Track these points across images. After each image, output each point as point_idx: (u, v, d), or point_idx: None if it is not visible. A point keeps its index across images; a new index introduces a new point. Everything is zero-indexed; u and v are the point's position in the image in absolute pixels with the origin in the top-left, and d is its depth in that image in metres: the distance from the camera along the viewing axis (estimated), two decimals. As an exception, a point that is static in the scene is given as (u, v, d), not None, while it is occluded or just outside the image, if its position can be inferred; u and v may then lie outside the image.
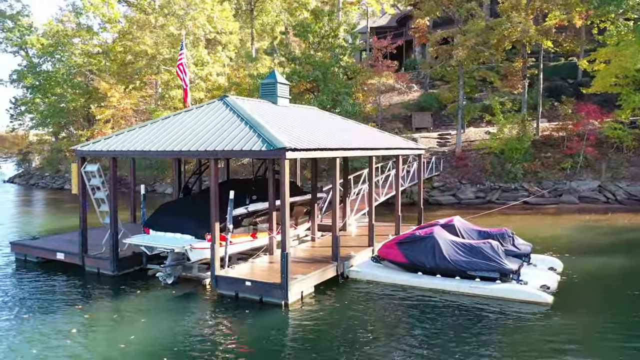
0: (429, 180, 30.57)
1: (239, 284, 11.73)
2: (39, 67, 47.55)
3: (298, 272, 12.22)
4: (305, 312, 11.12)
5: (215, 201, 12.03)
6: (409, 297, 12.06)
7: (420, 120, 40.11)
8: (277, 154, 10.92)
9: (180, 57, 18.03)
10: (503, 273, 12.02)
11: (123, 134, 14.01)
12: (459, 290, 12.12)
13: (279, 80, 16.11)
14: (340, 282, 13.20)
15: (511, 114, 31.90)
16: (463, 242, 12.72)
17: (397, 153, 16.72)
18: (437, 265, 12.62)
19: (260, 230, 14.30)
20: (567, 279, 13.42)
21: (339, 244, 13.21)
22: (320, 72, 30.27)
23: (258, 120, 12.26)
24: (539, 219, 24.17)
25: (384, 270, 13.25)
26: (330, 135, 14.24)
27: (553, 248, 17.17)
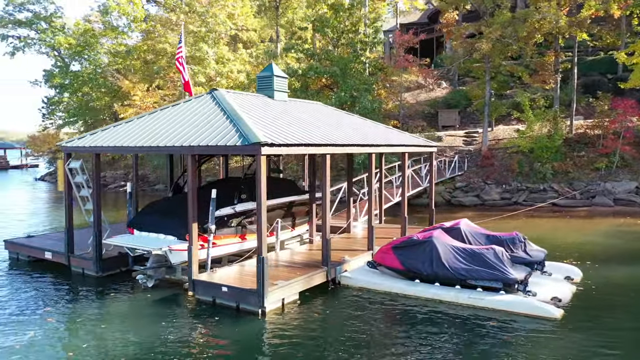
0: (452, 180, 29.17)
1: (215, 289, 10.94)
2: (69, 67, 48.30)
3: (282, 277, 11.36)
4: (284, 322, 10.22)
5: (192, 201, 11.29)
6: (402, 307, 10.99)
7: (447, 118, 38.58)
8: (251, 150, 10.07)
9: (179, 50, 17.43)
10: (507, 283, 10.79)
11: (109, 130, 13.46)
12: (457, 300, 10.97)
13: (276, 73, 15.27)
14: (331, 288, 12.25)
15: (541, 111, 30.08)
16: (464, 248, 11.54)
17: (402, 150, 15.60)
18: (434, 273, 11.49)
19: (250, 231, 13.48)
20: (584, 290, 12.05)
21: (329, 247, 12.25)
22: (338, 68, 29.28)
23: (240, 114, 11.44)
24: (567, 222, 22.49)
25: (378, 277, 12.21)
26: (326, 130, 13.29)
27: (575, 254, 15.70)
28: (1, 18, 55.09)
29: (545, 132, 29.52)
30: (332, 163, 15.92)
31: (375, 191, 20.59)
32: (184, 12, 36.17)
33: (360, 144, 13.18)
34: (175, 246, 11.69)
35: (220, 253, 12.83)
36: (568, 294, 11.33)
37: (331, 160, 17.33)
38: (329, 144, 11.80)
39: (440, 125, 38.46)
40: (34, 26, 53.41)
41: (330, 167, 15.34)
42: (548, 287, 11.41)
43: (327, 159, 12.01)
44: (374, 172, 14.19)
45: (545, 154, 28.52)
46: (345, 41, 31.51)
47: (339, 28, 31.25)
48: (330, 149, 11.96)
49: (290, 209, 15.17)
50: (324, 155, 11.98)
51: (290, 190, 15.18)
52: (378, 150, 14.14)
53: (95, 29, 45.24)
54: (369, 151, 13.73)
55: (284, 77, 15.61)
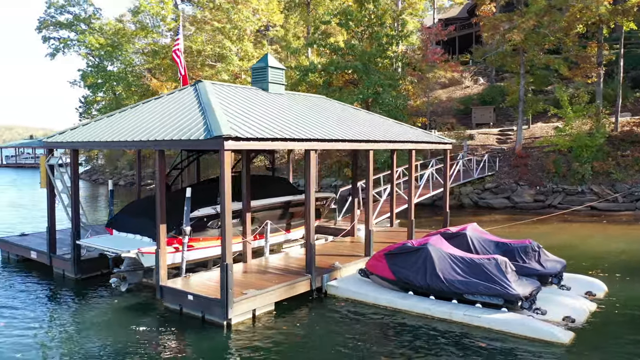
0: (481, 180, 27.36)
1: (182, 297, 10.00)
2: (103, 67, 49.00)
3: (257, 285, 10.30)
4: (252, 336, 9.16)
5: (160, 200, 10.40)
6: (388, 323, 9.72)
7: (481, 115, 36.57)
8: (214, 144, 9.05)
9: (177, 43, 16.67)
10: (508, 299, 9.34)
11: (89, 124, 12.79)
12: (450, 317, 9.59)
13: (271, 64, 14.22)
14: (311, 298, 11.09)
15: (581, 106, 27.78)
16: (463, 258, 10.14)
17: (409, 147, 14.25)
18: (427, 285, 10.15)
19: (234, 234, 12.50)
20: (606, 308, 10.40)
21: (313, 253, 11.09)
22: (360, 63, 27.97)
23: (214, 106, 10.45)
24: (603, 227, 20.43)
25: (367, 287, 10.96)
26: (318, 125, 12.14)
27: (605, 265, 13.93)
28: (43, 20, 56.72)
29: (586, 130, 27.26)
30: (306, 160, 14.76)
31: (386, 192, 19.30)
32: (209, 8, 35.77)
33: (354, 139, 11.97)
34: (146, 248, 10.83)
35: (200, 256, 11.93)
36: (584, 313, 9.75)
37: (353, 158, 16.14)
38: (310, 139, 10.65)
39: (474, 123, 36.50)
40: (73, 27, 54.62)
41: (343, 165, 14.28)
42: (561, 304, 9.87)
43: (310, 155, 10.86)
44: (371, 170, 12.91)
45: (585, 153, 26.27)
46: (371, 35, 30.14)
47: (363, 21, 29.92)
48: (313, 144, 10.81)
49: (286, 210, 14.12)
50: (308, 152, 10.84)
51: (284, 190, 14.12)
52: (377, 146, 12.87)
53: (127, 29, 45.63)
54: (365, 147, 12.48)
55: (280, 69, 14.55)
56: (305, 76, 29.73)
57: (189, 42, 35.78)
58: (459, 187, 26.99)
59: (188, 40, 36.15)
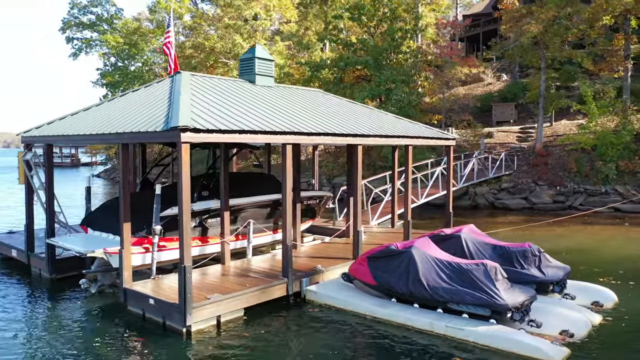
0: (498, 180, 26.08)
1: (144, 300, 9.34)
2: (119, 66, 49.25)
3: (228, 289, 9.56)
4: (214, 345, 8.42)
5: (124, 198, 9.76)
6: (365, 334, 8.84)
7: (502, 112, 35.07)
8: (171, 136, 8.35)
9: (167, 36, 16.10)
10: (495, 309, 8.35)
11: (65, 118, 12.28)
12: (432, 329, 8.66)
13: (259, 55, 13.48)
14: (290, 304, 10.29)
15: (606, 101, 26.19)
16: (450, 263, 9.18)
17: (405, 142, 13.30)
18: (409, 291, 9.24)
19: (214, 233, 11.83)
20: (613, 320, 9.29)
21: (290, 256, 10.28)
22: (372, 58, 27.03)
23: (182, 98, 9.76)
24: (625, 230, 19.02)
25: (347, 293, 10.09)
26: (302, 119, 11.34)
27: (620, 271, 12.72)
28: (67, 21, 57.50)
29: (612, 127, 25.70)
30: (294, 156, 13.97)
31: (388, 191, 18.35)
32: (221, 6, 35.37)
33: (338, 133, 11.12)
34: (113, 248, 10.22)
35: (174, 257, 11.23)
36: (585, 326, 8.68)
37: (348, 154, 15.12)
38: (285, 132, 9.85)
39: (494, 120, 35.04)
40: (96, 28, 55.19)
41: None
42: (560, 316, 8.82)
43: (288, 149, 10.07)
44: (359, 166, 12.02)
45: (610, 152, 24.72)
46: (384, 29, 29.16)
47: (376, 15, 28.96)
48: (290, 138, 10.00)
49: (273, 209, 13.37)
50: (284, 146, 10.05)
51: (273, 188, 13.35)
52: (366, 141, 11.97)
53: (144, 28, 45.71)
54: (352, 142, 11.61)
55: (269, 60, 13.80)
56: (316, 72, 28.94)
57: (201, 39, 35.49)
58: (473, 187, 25.79)
59: (201, 37, 35.86)
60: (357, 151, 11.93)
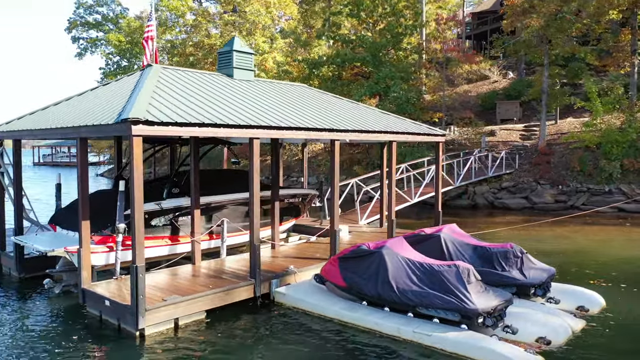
0: (498, 179, 25.38)
1: (101, 302, 8.94)
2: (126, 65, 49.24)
3: (192, 290, 9.13)
4: (167, 349, 7.98)
5: (82, 195, 9.37)
6: (331, 340, 8.35)
7: (506, 110, 34.26)
8: (121, 129, 7.93)
9: (149, 30, 15.67)
10: (465, 314, 7.81)
11: (35, 113, 11.93)
12: (399, 335, 8.14)
13: (237, 48, 13.05)
14: (258, 306, 9.82)
15: (611, 98, 25.38)
16: (422, 264, 8.65)
17: (388, 138, 12.77)
18: (378, 294, 8.72)
19: (184, 232, 11.40)
20: (597, 326, 8.70)
21: (258, 256, 9.82)
22: (370, 54, 26.48)
23: (143, 90, 9.35)
24: (627, 231, 18.28)
25: (316, 296, 9.60)
26: (277, 113, 10.87)
27: (612, 273, 12.08)
28: (73, 21, 57.68)
29: (617, 124, 24.89)
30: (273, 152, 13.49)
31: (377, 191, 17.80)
32: (221, 2, 35.06)
33: (312, 128, 10.63)
34: (74, 247, 9.83)
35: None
36: (565, 332, 8.10)
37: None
38: (251, 126, 9.38)
39: (498, 118, 34.28)
40: (101, 27, 55.31)
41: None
42: (539, 321, 8.24)
43: (255, 144, 9.61)
44: (337, 163, 11.52)
45: (615, 150, 23.92)
46: (383, 25, 28.59)
47: (375, 11, 28.39)
48: (257, 132, 9.53)
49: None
50: (251, 140, 9.59)
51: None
52: (344, 136, 11.48)
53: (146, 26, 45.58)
54: (328, 137, 11.12)
55: (248, 54, 13.36)
56: (314, 69, 28.46)
57: (201, 36, 35.21)
58: (473, 186, 25.14)
59: (201, 34, 35.57)
60: (335, 147, 11.43)
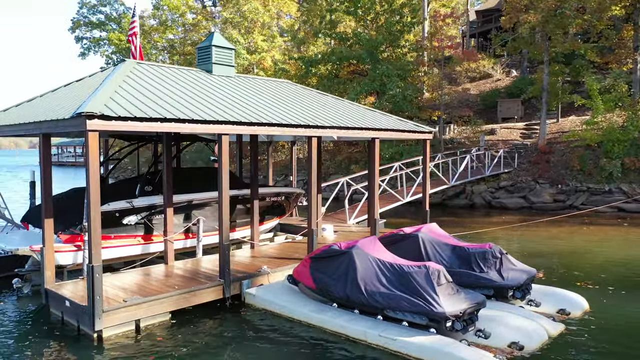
0: (496, 178, 24.92)
1: (62, 303, 8.68)
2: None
3: (158, 291, 8.85)
4: (126, 352, 7.69)
5: (46, 192, 9.13)
6: (296, 344, 8.02)
7: (507, 108, 33.75)
8: (76, 124, 7.66)
9: (133, 27, 15.47)
10: (432, 317, 7.45)
11: (9, 110, 11.68)
12: (365, 339, 7.80)
13: (217, 43, 12.75)
14: (228, 307, 9.52)
15: (612, 95, 24.83)
16: (392, 265, 8.29)
17: (370, 135, 12.41)
18: (346, 296, 8.39)
19: (158, 231, 11.14)
20: (577, 330, 8.30)
21: (227, 256, 9.52)
22: (365, 52, 26.10)
23: (107, 85, 9.10)
24: (624, 231, 17.78)
25: (286, 297, 9.27)
26: (252, 109, 10.57)
27: (602, 275, 11.65)
28: (76, 21, 57.82)
29: (619, 122, 24.34)
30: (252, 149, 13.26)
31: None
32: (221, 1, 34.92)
33: (286, 124, 10.31)
34: (38, 246, 9.59)
35: (111, 256, 10.60)
36: (540, 337, 7.72)
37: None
38: (218, 122, 9.08)
39: (499, 117, 33.77)
40: (104, 27, 55.38)
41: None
42: (514, 325, 7.86)
43: (224, 140, 9.31)
44: (315, 160, 11.19)
45: (616, 148, 23.38)
46: (381, 23, 28.19)
47: (372, 8, 28.00)
48: (226, 128, 9.23)
49: (232, 206, 12.62)
50: (220, 136, 9.30)
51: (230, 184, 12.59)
52: (322, 132, 11.15)
53: (146, 25, 45.53)
54: (304, 133, 10.80)
55: (228, 49, 13.06)
56: (310, 67, 28.14)
57: (199, 35, 35.07)
58: (471, 186, 24.71)
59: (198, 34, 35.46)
60: (312, 143, 11.10)
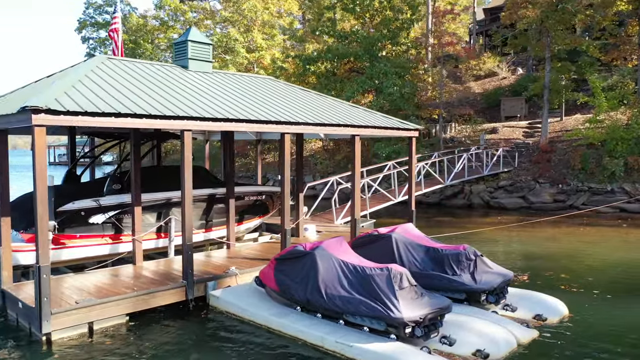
0: (496, 178, 24.35)
1: (16, 304, 8.42)
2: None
3: (107, 293, 8.55)
4: (75, 357, 7.40)
5: (3, 190, 8.88)
6: (252, 350, 7.67)
7: (511, 107, 33.11)
8: (22, 119, 7.39)
9: (114, 22, 15.24)
10: (390, 323, 7.05)
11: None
12: (322, 344, 7.42)
13: (193, 38, 12.45)
14: (191, 310, 9.19)
15: (615, 93, 24.14)
16: (355, 267, 7.90)
17: (350, 132, 12.02)
18: (307, 300, 8.01)
19: (127, 230, 10.85)
20: (550, 337, 7.83)
21: (191, 257, 9.19)
22: (362, 49, 25.68)
23: (64, 79, 8.83)
24: (623, 232, 17.17)
25: (249, 300, 8.91)
26: (222, 106, 10.24)
27: (589, 279, 11.14)
28: (82, 21, 58.11)
29: (624, 120, 23.65)
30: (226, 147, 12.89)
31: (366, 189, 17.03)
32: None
33: (255, 120, 9.96)
34: (0, 246, 9.35)
35: (77, 256, 10.34)
36: (508, 345, 7.28)
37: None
38: (179, 117, 8.75)
39: (502, 115, 33.14)
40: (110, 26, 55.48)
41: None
42: (481, 332, 7.42)
43: (186, 137, 8.99)
44: (287, 158, 10.83)
45: (620, 147, 22.70)
46: (379, 20, 27.76)
47: (371, 6, 27.57)
48: (188, 124, 8.90)
49: (207, 205, 12.33)
50: (183, 133, 8.97)
51: (204, 182, 12.32)
52: (296, 129, 10.79)
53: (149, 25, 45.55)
54: (276, 129, 10.44)
55: (205, 44, 12.75)
56: (308, 65, 27.78)
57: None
58: (469, 185, 24.18)
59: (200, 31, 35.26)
60: (284, 140, 10.74)
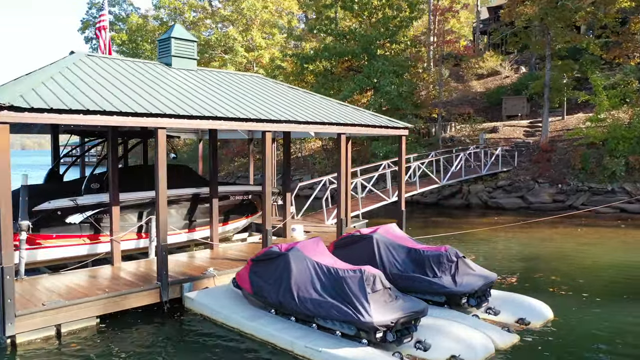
0: (494, 178, 24.01)
1: (-16, 306, 8.23)
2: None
3: (77, 294, 8.35)
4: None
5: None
6: (224, 353, 7.45)
7: (513, 106, 32.72)
8: (-16, 117, 7.20)
9: (101, 19, 15.07)
10: (360, 327, 6.80)
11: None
12: (292, 349, 7.18)
13: (177, 35, 12.24)
14: (165, 312, 8.98)
15: (617, 91, 23.72)
16: (329, 269, 7.64)
17: (335, 130, 11.78)
18: (279, 303, 7.78)
19: (105, 231, 10.66)
20: (532, 342, 7.54)
21: (165, 258, 8.99)
22: (359, 48, 25.41)
23: (34, 77, 8.69)
24: (621, 233, 16.79)
25: (223, 302, 8.68)
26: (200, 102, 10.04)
27: (580, 281, 10.83)
28: (85, 21, 58.24)
29: (626, 119, 23.24)
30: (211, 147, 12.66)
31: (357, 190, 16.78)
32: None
33: (232, 117, 9.74)
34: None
35: (54, 257, 10.15)
36: (485, 350, 7.01)
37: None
38: (151, 114, 8.54)
39: (504, 114, 32.76)
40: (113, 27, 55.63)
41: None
42: (458, 336, 7.15)
43: (160, 135, 8.78)
44: (269, 156, 10.59)
45: (621, 146, 22.29)
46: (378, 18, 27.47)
47: (369, 3, 27.28)
48: (162, 121, 8.69)
49: (191, 205, 12.13)
50: (157, 130, 8.76)
51: (188, 182, 12.13)
52: (277, 127, 10.55)
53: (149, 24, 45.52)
54: (255, 127, 10.21)
55: (189, 41, 12.54)
56: (305, 64, 27.54)
57: (196, 32, 34.73)
58: (468, 185, 23.86)
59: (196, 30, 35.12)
60: (266, 139, 10.51)
